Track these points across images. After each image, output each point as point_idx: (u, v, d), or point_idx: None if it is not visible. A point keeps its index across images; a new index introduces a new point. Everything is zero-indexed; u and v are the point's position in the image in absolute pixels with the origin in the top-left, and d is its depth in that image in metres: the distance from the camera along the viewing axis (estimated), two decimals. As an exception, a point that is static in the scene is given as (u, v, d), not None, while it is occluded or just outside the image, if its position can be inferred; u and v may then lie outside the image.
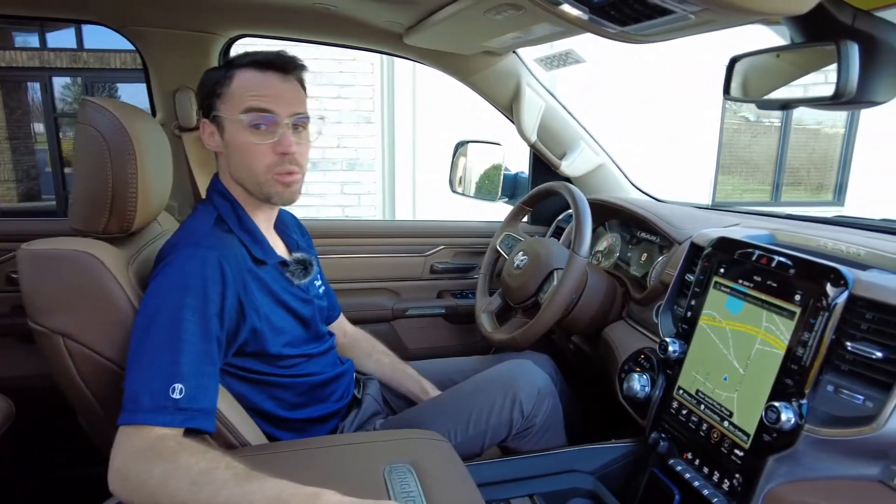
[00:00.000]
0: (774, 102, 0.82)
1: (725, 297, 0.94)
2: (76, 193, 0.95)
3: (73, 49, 7.12)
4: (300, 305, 1.09)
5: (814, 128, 6.52)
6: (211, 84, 1.00)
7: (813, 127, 6.50)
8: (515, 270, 1.39)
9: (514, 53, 1.45)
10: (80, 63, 7.15)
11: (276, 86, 0.98)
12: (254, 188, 1.01)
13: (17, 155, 7.85)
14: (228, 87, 0.98)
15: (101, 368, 0.89)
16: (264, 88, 0.97)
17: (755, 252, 0.91)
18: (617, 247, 1.58)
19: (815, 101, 0.73)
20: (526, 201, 1.55)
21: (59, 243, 0.89)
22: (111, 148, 0.92)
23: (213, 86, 0.99)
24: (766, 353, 0.85)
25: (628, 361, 1.18)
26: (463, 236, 1.82)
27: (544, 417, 1.15)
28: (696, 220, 1.29)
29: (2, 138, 7.60)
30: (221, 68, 1.00)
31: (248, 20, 1.29)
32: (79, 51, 7.10)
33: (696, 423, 0.95)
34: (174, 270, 0.89)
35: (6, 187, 7.93)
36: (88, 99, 0.93)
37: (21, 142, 7.88)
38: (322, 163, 4.40)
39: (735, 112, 5.98)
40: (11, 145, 7.72)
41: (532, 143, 1.61)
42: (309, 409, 1.11)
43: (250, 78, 0.98)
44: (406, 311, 1.75)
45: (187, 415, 0.82)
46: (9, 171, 7.86)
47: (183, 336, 0.85)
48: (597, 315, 1.36)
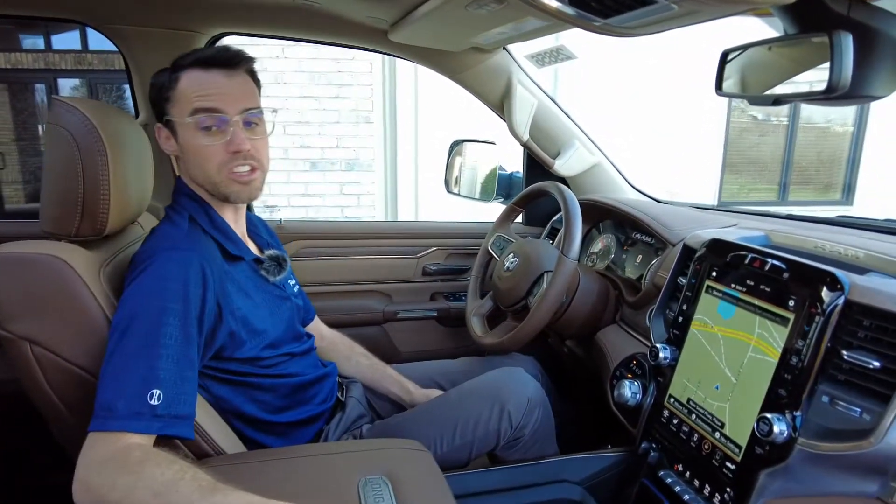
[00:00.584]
0: (767, 98, 0.78)
1: (717, 302, 0.90)
2: (46, 195, 0.92)
3: (78, 51, 7.14)
4: (277, 303, 1.07)
5: (823, 126, 6.42)
6: (159, 87, 0.97)
7: (822, 125, 6.41)
8: (505, 273, 1.36)
9: (504, 50, 1.41)
10: (85, 64, 7.16)
11: (222, 83, 0.95)
12: (212, 189, 0.99)
13: (24, 156, 7.88)
14: (175, 90, 0.95)
15: (69, 375, 0.87)
16: (210, 87, 0.94)
17: (748, 255, 0.87)
18: (612, 248, 1.54)
19: (807, 95, 0.69)
20: (517, 202, 1.51)
21: (27, 247, 0.87)
22: (81, 148, 0.89)
23: (160, 89, 0.97)
24: (758, 361, 0.80)
25: (620, 367, 1.14)
26: (456, 237, 1.78)
27: (535, 427, 1.11)
28: (692, 221, 1.25)
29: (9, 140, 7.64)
30: (167, 70, 0.97)
31: (230, 18, 1.27)
32: (83, 52, 7.12)
33: (687, 433, 0.91)
34: (153, 274, 0.87)
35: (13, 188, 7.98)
36: (57, 98, 0.91)
37: (28, 143, 7.91)
38: (321, 163, 4.38)
39: (743, 110, 5.91)
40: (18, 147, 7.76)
41: (524, 142, 1.57)
42: (292, 412, 1.09)
43: (195, 78, 0.94)
44: (398, 313, 1.72)
45: (165, 421, 0.80)
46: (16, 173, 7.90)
47: (162, 341, 0.82)
48: (589, 318, 1.32)
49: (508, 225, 1.55)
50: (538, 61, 1.37)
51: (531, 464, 1.05)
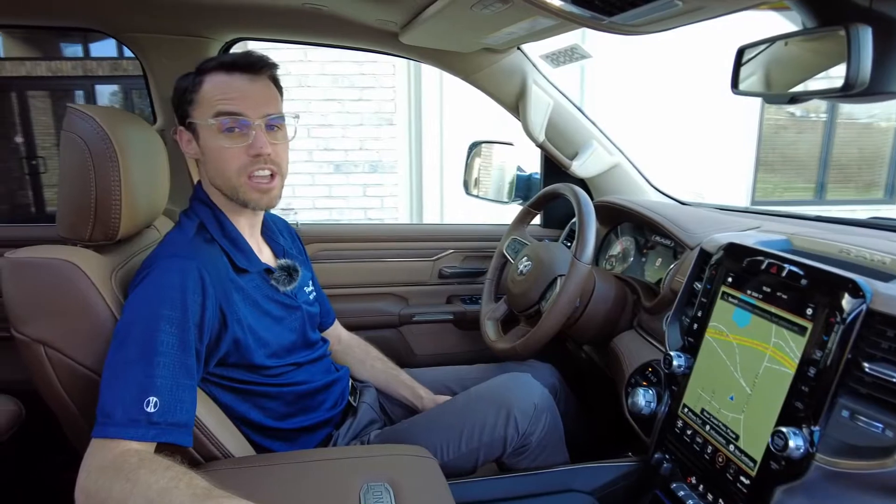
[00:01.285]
0: (783, 97, 0.74)
1: (733, 309, 0.87)
2: (61, 201, 0.95)
3: (115, 58, 7.37)
4: (286, 313, 1.07)
5: (866, 122, 6.18)
6: (182, 91, 0.98)
7: (865, 121, 6.16)
8: (518, 276, 1.33)
9: (518, 50, 1.39)
10: (121, 71, 7.40)
11: (245, 87, 0.96)
12: (230, 193, 0.99)
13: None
14: (198, 93, 0.96)
15: (81, 378, 0.88)
16: (233, 91, 0.95)
17: (765, 260, 0.83)
18: (630, 251, 1.50)
19: (825, 93, 0.65)
20: (532, 204, 1.49)
21: (41, 252, 0.89)
22: (93, 154, 0.91)
23: (184, 92, 0.98)
24: (774, 371, 0.77)
25: (635, 374, 1.11)
26: (472, 240, 1.77)
27: (542, 435, 1.09)
28: (712, 224, 1.20)
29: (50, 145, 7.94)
30: (191, 74, 0.98)
31: (242, 24, 1.28)
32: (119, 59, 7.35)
33: (701, 444, 0.87)
34: (152, 282, 0.88)
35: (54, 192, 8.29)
36: (72, 106, 0.93)
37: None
38: (345, 165, 4.41)
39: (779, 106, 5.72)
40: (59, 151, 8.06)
41: (540, 143, 1.54)
42: (298, 419, 1.08)
43: (218, 81, 0.95)
44: (413, 316, 1.71)
45: (160, 429, 0.80)
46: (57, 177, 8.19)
47: (159, 348, 0.83)
48: (605, 324, 1.29)
49: (524, 227, 1.53)
50: (553, 61, 1.35)
51: (540, 472, 1.03)
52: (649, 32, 0.75)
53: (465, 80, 1.46)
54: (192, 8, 1.20)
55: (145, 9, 1.19)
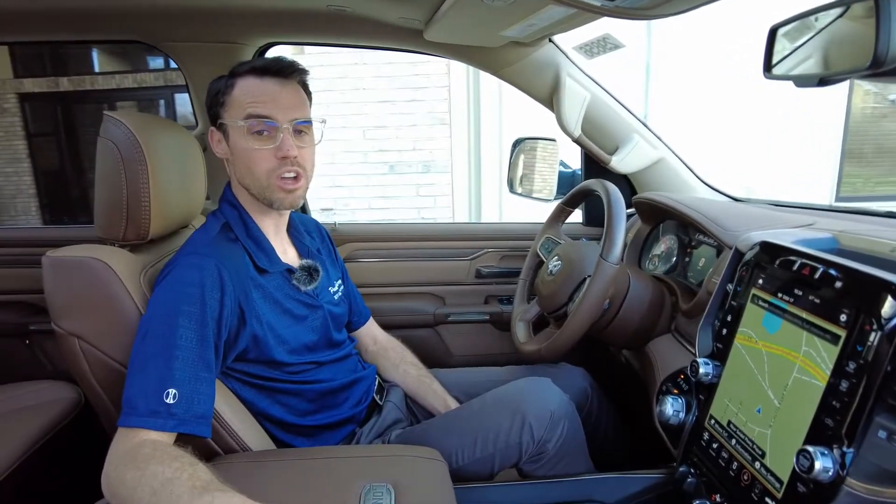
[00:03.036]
0: (811, 78, 0.67)
1: (763, 314, 0.79)
2: (97, 203, 1.01)
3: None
4: (308, 312, 1.08)
5: None
6: (214, 93, 1.02)
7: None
8: (548, 277, 1.29)
9: (550, 42, 1.35)
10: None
11: (275, 91, 0.98)
12: (258, 193, 1.02)
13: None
14: (230, 95, 0.99)
15: (111, 370, 0.94)
16: (263, 95, 0.98)
17: (797, 260, 0.75)
18: (674, 251, 1.41)
19: (853, 72, 0.58)
20: (566, 202, 1.43)
21: (77, 251, 0.95)
22: (124, 159, 0.96)
23: (216, 94, 1.01)
24: (804, 383, 0.69)
25: (667, 381, 1.04)
26: (509, 239, 1.73)
27: (559, 443, 1.05)
28: (759, 221, 1.11)
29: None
30: (224, 77, 1.02)
31: (273, 29, 1.32)
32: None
33: (727, 459, 0.80)
34: (172, 279, 0.92)
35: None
36: (107, 113, 0.98)
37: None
38: (398, 166, 4.46)
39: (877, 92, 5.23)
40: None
41: (576, 138, 1.49)
42: (319, 416, 1.10)
43: (250, 85, 0.99)
44: (448, 316, 1.70)
45: (179, 420, 0.83)
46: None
47: (178, 342, 0.86)
48: (640, 327, 1.22)
49: (558, 226, 1.48)
50: (587, 52, 1.30)
51: (558, 480, 0.98)
52: (659, 16, 0.70)
53: (496, 76, 1.43)
54: (225, 15, 1.25)
55: (182, 19, 1.25)
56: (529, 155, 1.90)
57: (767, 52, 0.78)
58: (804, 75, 0.69)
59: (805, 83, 0.69)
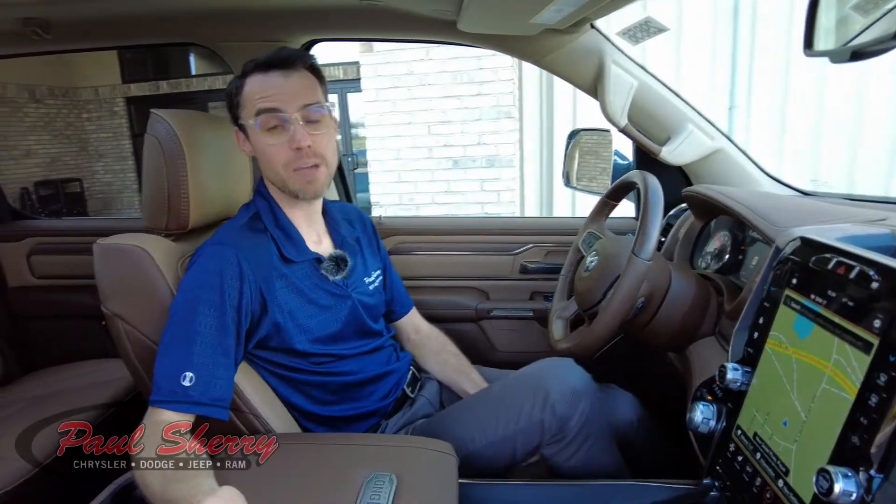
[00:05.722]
0: (843, 52, 0.59)
1: (794, 316, 0.71)
2: (143, 195, 1.08)
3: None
4: (335, 301, 1.10)
5: None
6: (229, 94, 1.06)
7: None
8: (584, 273, 1.24)
9: (593, 29, 1.29)
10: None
11: (280, 83, 1.00)
12: (281, 185, 1.05)
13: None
14: (242, 95, 1.03)
15: (149, 351, 1.00)
16: (269, 89, 1.00)
17: (833, 258, 0.67)
18: (727, 248, 1.31)
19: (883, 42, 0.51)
20: (609, 195, 1.37)
21: (124, 239, 1.02)
22: (166, 154, 1.03)
23: (230, 96, 1.05)
24: (832, 396, 0.62)
25: (702, 387, 0.97)
26: (555, 234, 1.68)
27: (581, 420, 1.01)
28: (814, 215, 1.01)
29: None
30: (237, 78, 1.05)
31: (313, 26, 1.36)
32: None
33: (751, 475, 0.74)
34: (195, 268, 0.97)
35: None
36: (154, 111, 1.06)
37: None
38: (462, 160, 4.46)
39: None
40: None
41: (622, 128, 1.41)
42: (342, 407, 1.11)
43: (256, 81, 1.01)
44: (491, 311, 1.68)
45: (195, 402, 0.88)
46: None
47: (198, 328, 0.91)
48: (682, 328, 1.14)
49: (602, 220, 1.41)
50: (630, 37, 1.23)
51: (576, 483, 0.95)
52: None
53: (537, 65, 1.39)
54: (269, 15, 1.30)
55: (231, 19, 1.32)
56: (585, 147, 1.84)
57: (808, 28, 0.70)
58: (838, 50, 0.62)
59: (839, 59, 0.61)
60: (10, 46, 1.52)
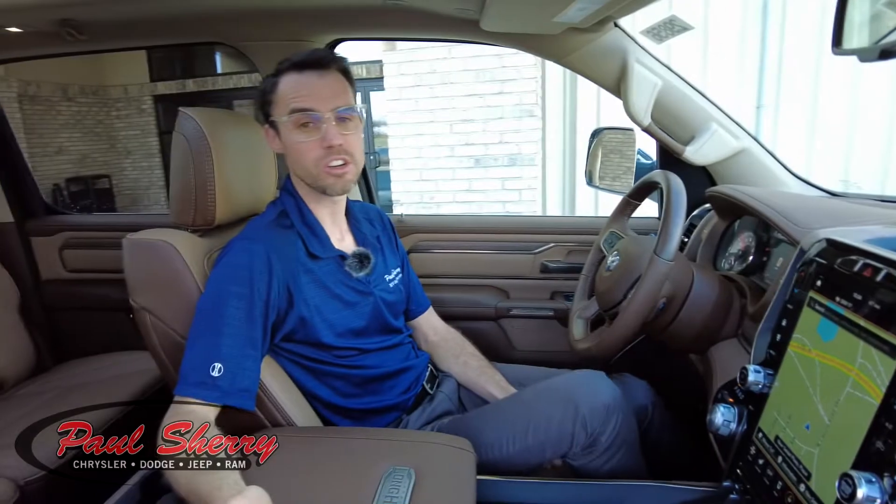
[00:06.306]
0: (872, 51, 0.58)
1: (819, 319, 0.71)
2: (171, 191, 1.11)
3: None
4: (359, 298, 1.12)
5: None
6: (262, 92, 1.08)
7: None
8: (605, 273, 1.23)
9: (616, 27, 1.28)
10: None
11: (315, 83, 1.02)
12: (311, 182, 1.07)
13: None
14: (275, 93, 1.05)
15: (175, 343, 1.03)
16: (304, 88, 1.02)
17: (859, 260, 0.66)
18: (752, 249, 1.30)
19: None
20: (632, 194, 1.36)
21: (152, 234, 1.05)
22: (193, 151, 1.05)
23: (264, 94, 1.07)
24: (856, 400, 0.61)
25: (723, 389, 0.96)
26: (576, 233, 1.68)
27: (612, 436, 1.02)
28: (842, 217, 0.99)
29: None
30: (270, 76, 1.07)
31: (338, 26, 1.37)
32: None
33: (771, 478, 0.73)
34: (225, 263, 0.99)
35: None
36: (182, 109, 1.08)
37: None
38: (484, 159, 4.45)
39: None
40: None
41: (645, 127, 1.40)
42: (364, 400, 1.13)
43: (291, 80, 1.03)
44: (510, 310, 1.68)
45: (223, 392, 0.90)
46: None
47: (227, 321, 0.93)
48: (703, 330, 1.13)
49: (624, 220, 1.41)
50: (654, 36, 1.22)
51: (592, 483, 0.94)
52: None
53: (559, 63, 1.39)
54: (295, 15, 1.33)
55: (256, 19, 1.34)
56: (609, 146, 1.83)
57: (837, 24, 0.69)
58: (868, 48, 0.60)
59: (868, 57, 0.60)
60: (47, 47, 1.57)
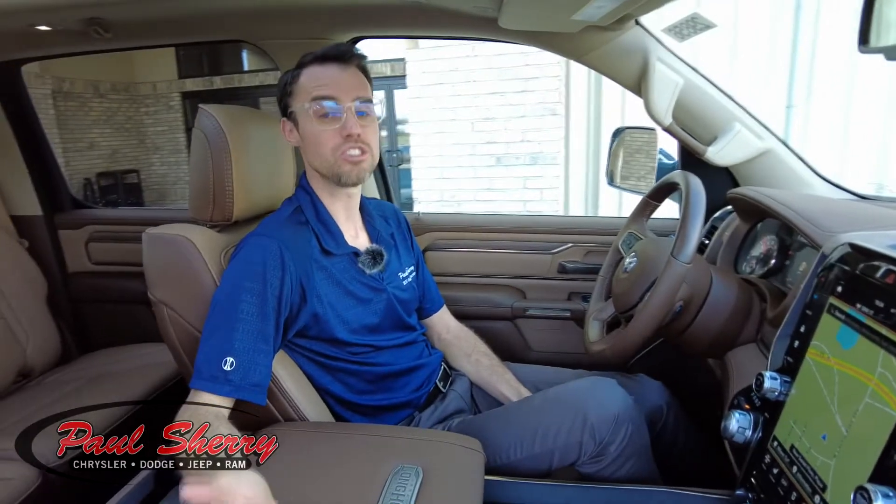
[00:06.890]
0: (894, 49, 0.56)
1: (838, 326, 0.68)
2: (190, 188, 1.13)
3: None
4: (372, 295, 1.12)
5: None
6: (283, 85, 1.10)
7: None
8: (623, 275, 1.22)
9: (637, 26, 1.26)
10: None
11: (337, 75, 1.05)
12: (327, 171, 1.08)
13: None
14: (297, 84, 1.07)
15: (191, 336, 1.05)
16: (326, 78, 1.04)
17: (882, 266, 0.64)
18: (774, 253, 1.26)
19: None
20: (651, 195, 1.34)
21: (171, 229, 1.07)
22: (212, 148, 1.07)
23: (285, 86, 1.09)
24: (876, 411, 0.59)
25: (739, 395, 0.94)
26: (594, 233, 1.66)
27: (621, 446, 1.00)
28: (868, 221, 0.96)
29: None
30: (291, 70, 1.09)
31: (357, 24, 1.38)
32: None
33: (786, 488, 0.71)
34: (239, 258, 1.01)
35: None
36: (202, 106, 1.10)
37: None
38: (505, 158, 4.43)
39: None
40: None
41: (666, 127, 1.38)
42: (377, 396, 1.14)
43: (314, 72, 1.06)
44: (526, 310, 1.67)
45: (235, 386, 0.92)
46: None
47: (240, 315, 0.95)
48: (721, 334, 1.11)
49: (643, 221, 1.38)
50: (676, 34, 1.19)
51: (603, 487, 0.93)
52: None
53: (579, 62, 1.37)
54: (314, 13, 1.34)
55: (276, 17, 1.36)
56: (631, 146, 1.80)
57: (864, 21, 0.67)
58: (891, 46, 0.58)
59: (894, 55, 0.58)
60: (74, 45, 1.61)
